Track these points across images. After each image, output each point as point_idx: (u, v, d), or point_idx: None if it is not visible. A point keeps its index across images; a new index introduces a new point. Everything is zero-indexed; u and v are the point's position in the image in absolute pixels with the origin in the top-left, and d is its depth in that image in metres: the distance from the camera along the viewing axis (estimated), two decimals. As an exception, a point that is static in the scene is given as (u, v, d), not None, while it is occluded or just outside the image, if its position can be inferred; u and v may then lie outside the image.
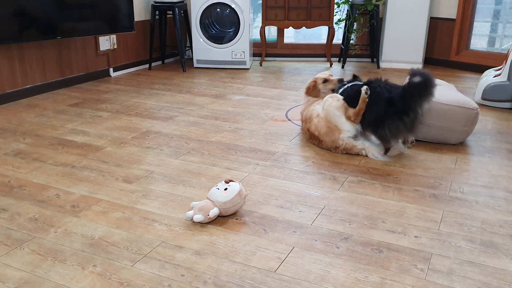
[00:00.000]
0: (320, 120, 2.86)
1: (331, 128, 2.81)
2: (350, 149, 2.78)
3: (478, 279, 1.69)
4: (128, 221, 2.07)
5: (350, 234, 1.98)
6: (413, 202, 2.25)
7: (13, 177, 2.50)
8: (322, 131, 2.83)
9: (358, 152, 2.79)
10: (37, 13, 3.82)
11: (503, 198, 2.30)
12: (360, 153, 2.78)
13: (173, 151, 2.86)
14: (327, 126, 2.82)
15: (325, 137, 2.83)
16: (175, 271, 1.72)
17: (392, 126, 2.63)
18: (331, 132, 2.80)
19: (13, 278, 1.69)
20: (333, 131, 2.80)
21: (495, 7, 5.34)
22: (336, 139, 2.79)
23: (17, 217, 2.10)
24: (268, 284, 1.66)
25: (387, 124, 2.64)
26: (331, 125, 2.81)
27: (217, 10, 5.20)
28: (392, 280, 1.68)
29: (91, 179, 2.48)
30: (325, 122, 2.83)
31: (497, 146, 2.99)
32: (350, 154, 2.81)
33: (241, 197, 2.09)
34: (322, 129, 2.83)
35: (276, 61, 5.78)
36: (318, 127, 2.86)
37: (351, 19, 5.25)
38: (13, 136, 3.11)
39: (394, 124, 2.63)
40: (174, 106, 3.82)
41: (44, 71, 4.19)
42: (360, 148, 2.77)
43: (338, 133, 2.79)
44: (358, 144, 2.78)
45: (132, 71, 5.17)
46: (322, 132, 2.83)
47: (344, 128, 2.78)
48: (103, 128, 3.28)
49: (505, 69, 3.75)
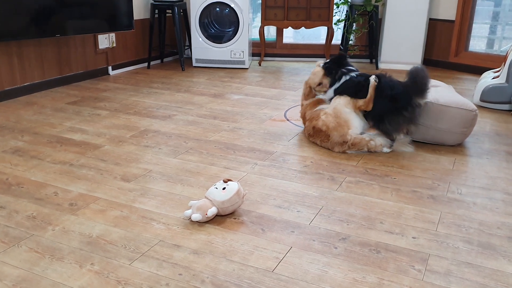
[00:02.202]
0: (328, 116, 2.91)
1: (340, 123, 2.85)
2: (358, 143, 2.82)
3: (476, 280, 1.70)
4: (126, 220, 2.06)
5: (348, 234, 1.98)
6: (411, 203, 2.26)
7: (11, 175, 2.50)
8: (331, 125, 2.86)
9: (367, 145, 2.81)
10: (36, 10, 3.81)
11: (501, 200, 2.30)
12: (368, 145, 2.81)
13: (172, 150, 2.86)
14: (336, 121, 2.86)
15: (334, 131, 2.85)
16: (173, 270, 1.72)
17: (394, 121, 2.80)
18: (340, 126, 2.84)
19: (10, 275, 1.68)
20: (342, 126, 2.84)
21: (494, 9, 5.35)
22: (345, 134, 2.83)
23: (15, 215, 2.09)
24: (266, 283, 1.66)
25: (388, 119, 2.81)
26: (340, 121, 2.85)
27: (216, 9, 5.20)
28: (390, 280, 1.68)
29: (89, 177, 2.48)
30: (334, 117, 2.88)
31: (496, 148, 2.99)
32: (349, 154, 2.81)
33: (239, 196, 2.09)
34: (330, 124, 2.87)
35: (275, 61, 5.78)
36: (326, 122, 2.89)
37: (350, 19, 5.26)
38: (11, 133, 3.10)
39: (395, 120, 2.79)
40: (172, 105, 3.81)
41: (43, 68, 4.19)
42: (368, 139, 2.82)
43: (347, 129, 2.84)
44: (365, 136, 2.84)
45: (131, 69, 5.16)
46: (331, 126, 2.86)
47: (353, 124, 2.85)
48: (101, 126, 3.28)
49: (503, 71, 3.76)
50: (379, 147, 2.84)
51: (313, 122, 2.98)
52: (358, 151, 2.84)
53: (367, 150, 2.83)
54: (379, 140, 2.86)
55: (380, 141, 2.85)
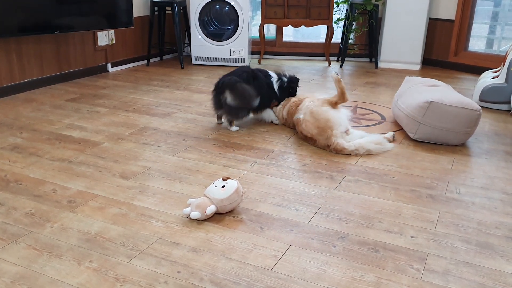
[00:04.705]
0: (307, 123, 2.89)
1: (321, 126, 2.82)
2: (340, 150, 2.78)
3: (474, 279, 1.70)
4: (125, 217, 2.06)
5: (347, 233, 1.98)
6: (410, 202, 2.26)
7: (9, 172, 2.49)
8: (314, 132, 2.85)
9: (350, 153, 2.79)
10: (36, 7, 3.80)
11: (500, 200, 2.30)
12: (352, 154, 2.79)
13: (171, 148, 2.86)
14: (317, 126, 2.84)
15: (318, 137, 2.84)
16: (172, 268, 1.72)
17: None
18: (323, 130, 2.82)
19: (8, 272, 1.68)
20: (324, 129, 2.81)
21: (493, 9, 5.35)
22: (329, 136, 2.80)
23: (13, 212, 2.09)
24: (264, 282, 1.66)
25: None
26: (320, 124, 2.83)
27: (216, 7, 5.20)
28: (388, 279, 1.69)
29: (88, 174, 2.48)
30: (312, 123, 2.86)
31: (494, 147, 3.00)
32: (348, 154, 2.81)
33: (238, 194, 2.09)
34: (313, 130, 2.85)
35: (274, 59, 5.78)
36: (309, 129, 2.88)
37: (350, 18, 5.25)
38: (10, 130, 3.10)
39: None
40: (172, 103, 3.81)
41: (42, 65, 4.18)
42: (351, 150, 2.78)
43: (330, 130, 2.80)
44: (349, 147, 2.78)
45: (130, 67, 5.15)
46: (314, 133, 2.85)
47: (335, 122, 2.82)
48: (100, 123, 3.27)
49: (503, 71, 3.76)
50: (364, 152, 2.80)
51: (299, 127, 2.99)
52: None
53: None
54: (366, 146, 2.80)
55: (366, 147, 2.79)
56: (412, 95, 3.15)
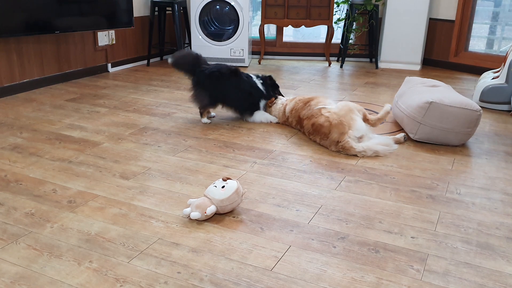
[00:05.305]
0: (333, 114, 2.92)
1: (343, 122, 2.85)
2: (348, 149, 2.79)
3: (474, 280, 1.70)
4: (125, 217, 2.06)
5: (347, 233, 1.98)
6: (410, 202, 2.26)
7: (9, 172, 2.49)
8: (334, 122, 2.86)
9: (356, 154, 2.79)
10: (36, 7, 3.80)
11: (500, 200, 2.30)
12: (358, 155, 2.79)
13: (171, 148, 2.86)
14: (340, 119, 2.86)
15: (335, 128, 2.84)
16: (172, 268, 1.72)
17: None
18: (342, 125, 2.84)
19: (8, 272, 1.68)
20: (343, 124, 2.84)
21: (494, 9, 5.35)
22: (344, 133, 2.82)
23: (13, 212, 2.09)
24: (264, 282, 1.66)
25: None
26: (344, 119, 2.86)
27: (216, 7, 5.20)
28: (388, 280, 1.68)
29: (88, 174, 2.48)
30: (338, 114, 2.90)
31: (495, 148, 2.99)
32: (347, 154, 2.81)
33: (239, 195, 2.09)
34: (334, 120, 2.87)
35: (274, 60, 5.78)
36: (330, 118, 2.89)
37: (351, 18, 5.25)
38: (10, 130, 3.10)
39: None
40: (172, 103, 3.81)
41: (42, 65, 4.18)
42: (358, 151, 2.78)
43: (349, 128, 2.84)
44: (357, 147, 2.79)
45: (130, 67, 5.15)
46: (333, 123, 2.86)
47: (357, 126, 2.87)
48: (100, 123, 3.27)
49: (503, 71, 3.76)
50: (372, 154, 2.81)
51: (312, 119, 2.98)
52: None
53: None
54: (373, 147, 2.81)
55: (373, 148, 2.80)
56: (412, 95, 3.15)
